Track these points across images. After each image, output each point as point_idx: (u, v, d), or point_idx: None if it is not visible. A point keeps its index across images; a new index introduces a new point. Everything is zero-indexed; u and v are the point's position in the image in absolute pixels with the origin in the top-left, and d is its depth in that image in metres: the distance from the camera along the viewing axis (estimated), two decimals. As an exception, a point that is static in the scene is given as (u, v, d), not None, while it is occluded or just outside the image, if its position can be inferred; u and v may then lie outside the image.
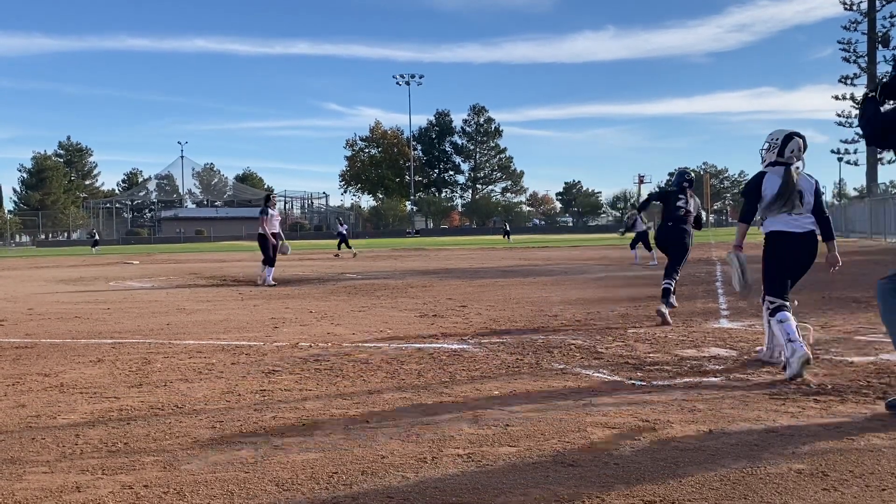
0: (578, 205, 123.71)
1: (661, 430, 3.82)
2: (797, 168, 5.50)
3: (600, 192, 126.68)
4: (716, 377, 5.11)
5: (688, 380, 5.03)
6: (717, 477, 3.10)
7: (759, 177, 5.52)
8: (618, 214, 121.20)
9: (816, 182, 5.57)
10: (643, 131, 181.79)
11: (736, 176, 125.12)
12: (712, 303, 9.64)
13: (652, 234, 14.34)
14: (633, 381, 4.98)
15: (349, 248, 31.08)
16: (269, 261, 14.76)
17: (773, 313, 5.44)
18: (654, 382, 4.95)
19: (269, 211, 15.19)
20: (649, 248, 19.65)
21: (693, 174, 9.24)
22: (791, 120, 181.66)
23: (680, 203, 8.65)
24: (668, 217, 8.70)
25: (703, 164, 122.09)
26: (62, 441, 3.82)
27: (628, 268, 18.26)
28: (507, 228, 61.29)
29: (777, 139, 5.50)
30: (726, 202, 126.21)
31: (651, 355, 5.97)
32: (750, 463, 3.27)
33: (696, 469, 3.20)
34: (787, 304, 5.47)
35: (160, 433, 3.94)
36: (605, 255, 26.50)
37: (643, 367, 5.47)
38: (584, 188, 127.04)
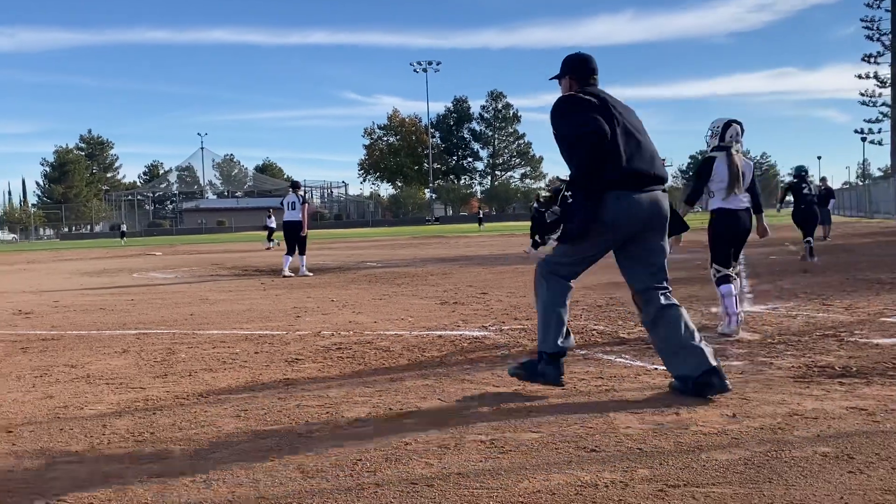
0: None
1: (684, 414, 3.80)
2: (737, 150, 6.32)
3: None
4: (739, 361, 5.07)
5: (711, 364, 4.99)
6: (741, 461, 3.08)
7: (711, 160, 6.29)
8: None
9: (753, 164, 6.58)
10: (663, 114, 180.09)
11: (758, 158, 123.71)
12: (735, 286, 9.56)
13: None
14: (655, 366, 4.97)
15: (270, 241, 31.67)
16: (291, 250, 14.62)
17: (718, 283, 6.26)
18: (677, 367, 4.92)
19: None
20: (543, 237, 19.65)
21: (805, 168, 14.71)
22: (813, 100, 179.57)
23: (805, 190, 14.07)
24: (800, 201, 14.15)
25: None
26: (90, 431, 3.88)
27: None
28: (481, 216, 61.84)
29: (718, 126, 6.38)
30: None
31: (673, 340, 5.93)
32: (774, 447, 3.25)
33: (719, 453, 3.19)
34: (731, 274, 6.29)
35: (186, 423, 3.98)
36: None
37: (665, 352, 5.44)
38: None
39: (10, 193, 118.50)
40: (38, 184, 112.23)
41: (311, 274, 14.44)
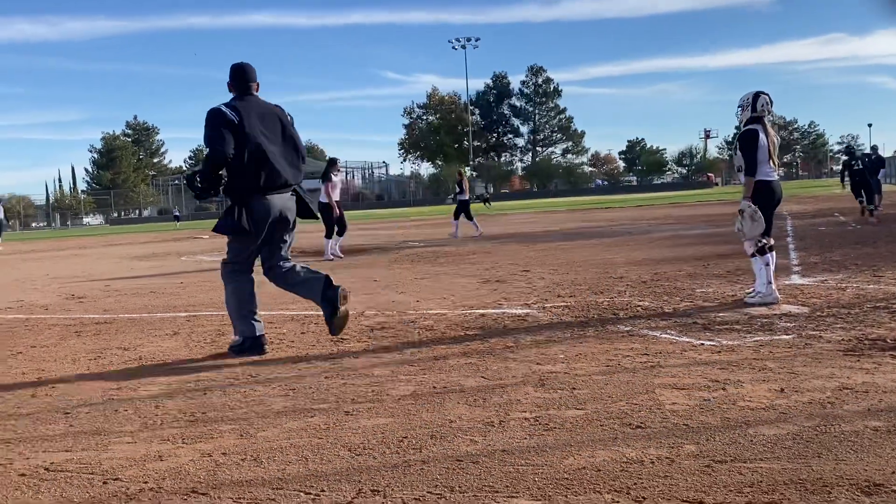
0: (642, 163, 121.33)
1: (731, 389, 3.77)
2: (770, 121, 6.56)
3: (665, 150, 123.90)
4: (787, 335, 5.00)
5: (758, 338, 4.94)
6: (789, 436, 3.05)
7: (755, 132, 6.37)
8: (683, 171, 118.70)
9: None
10: (708, 84, 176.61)
11: (806, 127, 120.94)
12: (783, 258, 9.39)
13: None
14: (701, 342, 4.92)
15: None
16: (329, 232, 13.77)
17: (761, 252, 6.35)
18: (724, 342, 4.88)
19: (333, 177, 13.68)
20: (470, 218, 19.23)
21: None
22: (863, 66, 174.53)
23: (855, 166, 17.60)
24: (853, 175, 17.64)
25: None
26: (143, 412, 3.98)
27: (695, 226, 17.93)
28: (487, 196, 61.74)
29: (748, 98, 6.51)
30: (796, 154, 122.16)
31: (720, 315, 5.88)
32: (823, 421, 3.21)
33: (767, 428, 3.16)
34: (768, 243, 6.40)
35: (236, 402, 4.07)
36: (671, 214, 26.07)
37: (712, 327, 5.39)
38: (648, 146, 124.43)
39: (60, 181, 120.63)
40: (86, 170, 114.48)
41: (333, 258, 13.56)
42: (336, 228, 13.85)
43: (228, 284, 5.40)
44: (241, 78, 5.40)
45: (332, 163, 14.25)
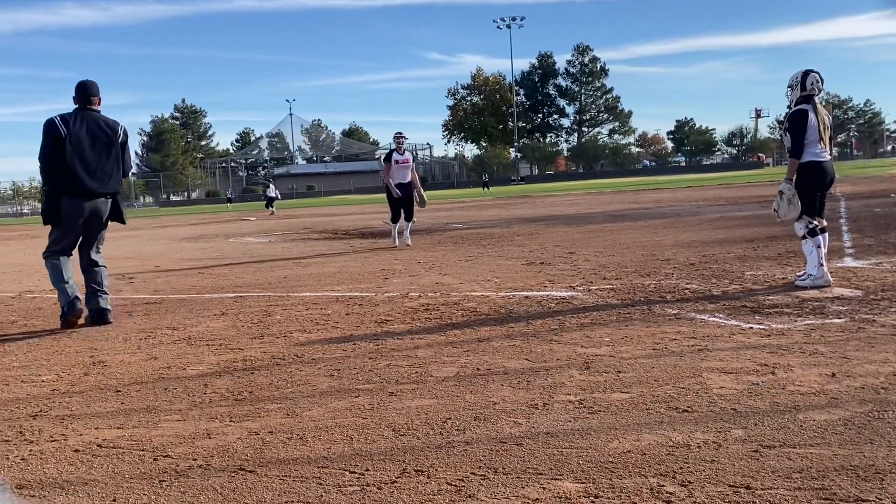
0: (691, 143, 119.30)
1: (781, 374, 3.70)
2: (820, 100, 6.41)
3: (714, 130, 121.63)
4: (839, 318, 4.89)
5: (809, 322, 4.84)
6: (840, 421, 2.98)
7: (804, 112, 6.22)
8: (733, 152, 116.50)
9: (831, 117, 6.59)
10: (759, 63, 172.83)
11: (861, 105, 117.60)
12: (836, 241, 9.17)
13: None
14: (750, 325, 4.84)
15: (269, 207, 35.16)
16: (394, 216, 12.50)
17: (811, 233, 6.19)
18: (773, 326, 4.79)
19: (395, 156, 12.37)
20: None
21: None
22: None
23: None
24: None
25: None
26: (192, 391, 4.05)
27: (745, 207, 17.61)
28: (486, 180, 61.67)
29: (797, 77, 6.37)
30: (850, 134, 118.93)
31: (769, 298, 5.76)
32: (876, 407, 3.13)
33: (817, 414, 3.09)
34: (820, 224, 6.26)
35: (282, 382, 4.12)
36: (720, 195, 25.63)
37: (761, 311, 5.30)
38: (697, 125, 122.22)
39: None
40: (136, 153, 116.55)
41: (399, 246, 12.49)
42: (402, 213, 12.47)
43: (48, 264, 6.26)
44: (83, 94, 6.21)
45: (395, 137, 12.70)
